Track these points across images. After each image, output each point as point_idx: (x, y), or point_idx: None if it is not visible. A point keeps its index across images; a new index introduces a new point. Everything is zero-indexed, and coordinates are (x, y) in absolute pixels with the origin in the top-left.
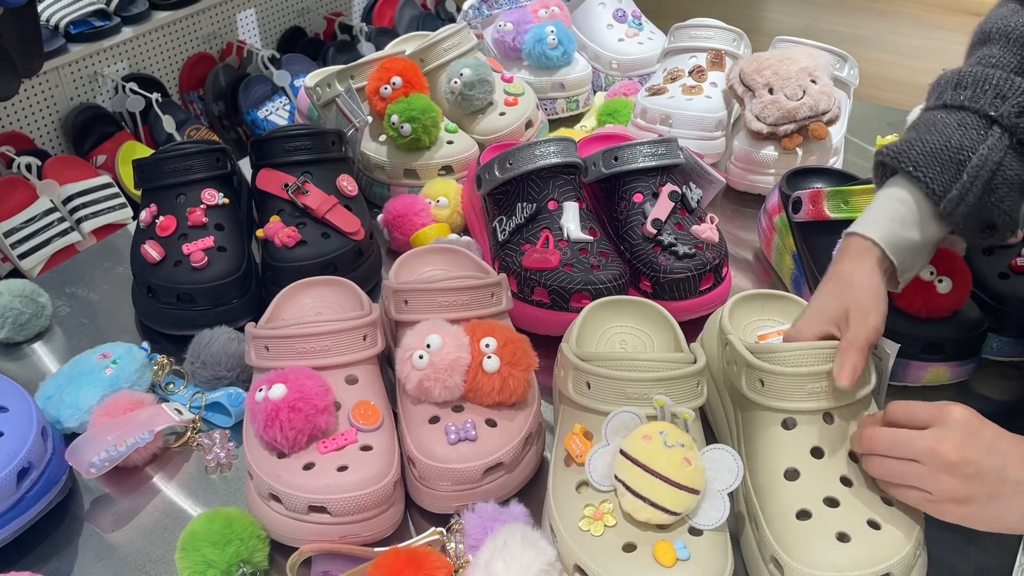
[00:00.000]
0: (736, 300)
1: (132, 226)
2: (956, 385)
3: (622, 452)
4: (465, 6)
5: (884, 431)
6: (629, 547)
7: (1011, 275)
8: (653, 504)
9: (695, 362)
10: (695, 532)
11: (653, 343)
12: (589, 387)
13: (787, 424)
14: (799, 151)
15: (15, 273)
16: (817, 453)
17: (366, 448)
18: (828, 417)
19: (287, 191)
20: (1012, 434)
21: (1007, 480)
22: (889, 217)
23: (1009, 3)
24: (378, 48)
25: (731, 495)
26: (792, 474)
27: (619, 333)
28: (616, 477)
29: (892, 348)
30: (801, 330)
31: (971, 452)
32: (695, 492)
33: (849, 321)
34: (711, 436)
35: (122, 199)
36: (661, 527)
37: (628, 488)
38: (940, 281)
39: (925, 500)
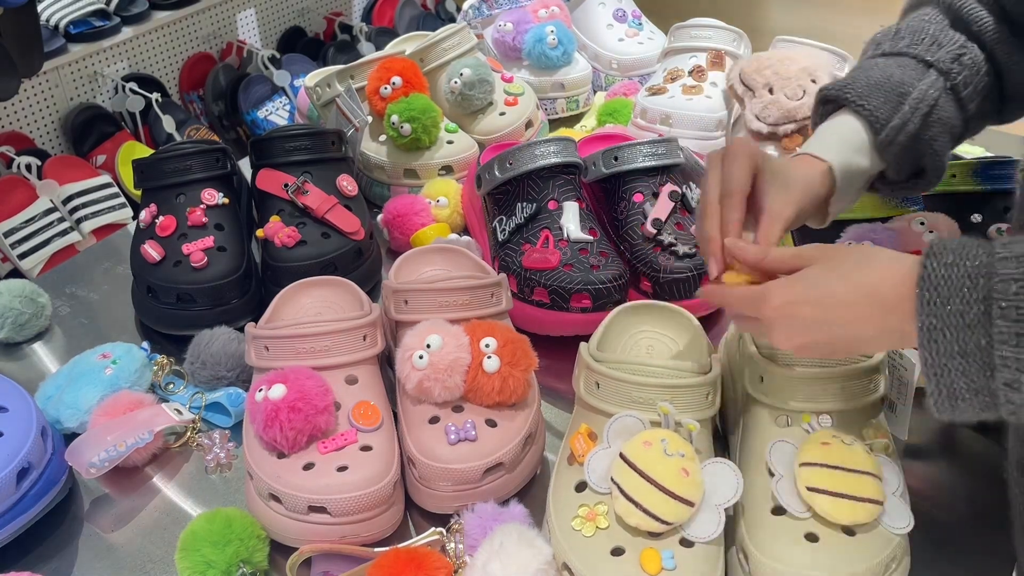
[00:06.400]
0: None
1: (132, 226)
2: None
3: (621, 456)
4: (465, 6)
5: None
6: (617, 551)
7: None
8: (644, 510)
9: (709, 372)
10: (686, 543)
11: (680, 350)
12: (598, 387)
13: (783, 422)
14: (799, 151)
15: (15, 273)
16: None
17: (366, 448)
18: (827, 420)
19: (287, 191)
20: (837, 281)
21: (834, 304)
22: (841, 141)
23: None
24: (378, 48)
25: (727, 510)
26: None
27: (647, 338)
28: (612, 479)
29: (917, 358)
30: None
31: (799, 339)
32: (689, 503)
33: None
34: (724, 438)
35: (122, 199)
36: (653, 535)
37: (622, 491)
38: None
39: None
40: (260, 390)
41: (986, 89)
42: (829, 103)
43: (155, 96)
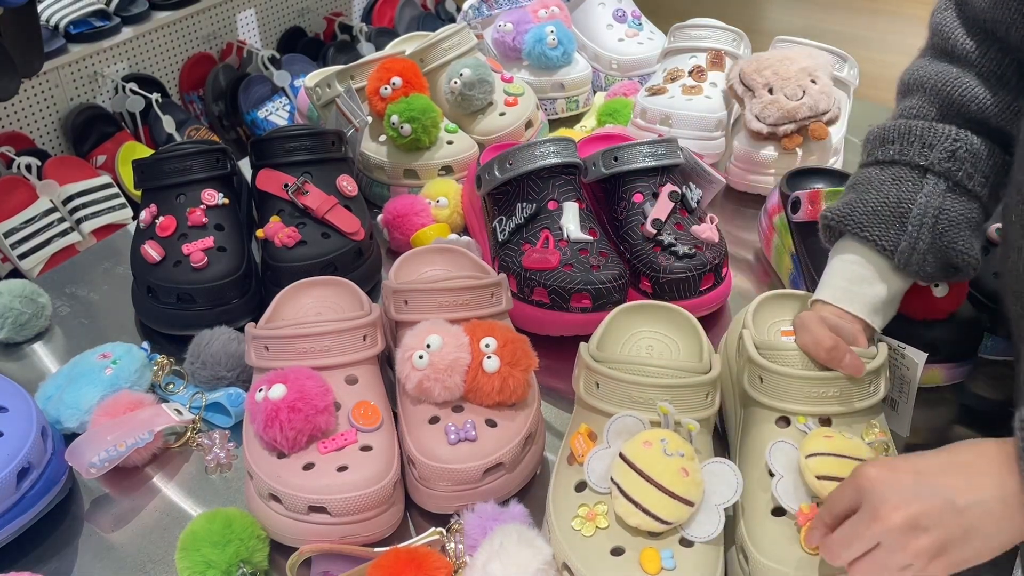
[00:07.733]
0: (764, 298)
1: (132, 226)
2: (950, 385)
3: (621, 455)
4: (465, 6)
5: (833, 540)
6: (617, 551)
7: None
8: (644, 510)
9: (708, 372)
10: (686, 543)
11: (679, 350)
12: (598, 387)
13: (781, 423)
14: (799, 151)
15: (15, 273)
16: None
17: (366, 448)
18: (826, 421)
19: (287, 191)
20: (929, 456)
21: (963, 510)
22: (848, 279)
23: (925, 54)
24: (378, 48)
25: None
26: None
27: (647, 338)
28: (612, 479)
29: (920, 357)
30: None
31: (913, 505)
32: (689, 503)
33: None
34: (725, 438)
35: (122, 199)
36: (653, 534)
37: (622, 491)
38: (936, 284)
39: None
40: (260, 390)
41: (996, 167)
42: (834, 229)
43: (155, 96)
